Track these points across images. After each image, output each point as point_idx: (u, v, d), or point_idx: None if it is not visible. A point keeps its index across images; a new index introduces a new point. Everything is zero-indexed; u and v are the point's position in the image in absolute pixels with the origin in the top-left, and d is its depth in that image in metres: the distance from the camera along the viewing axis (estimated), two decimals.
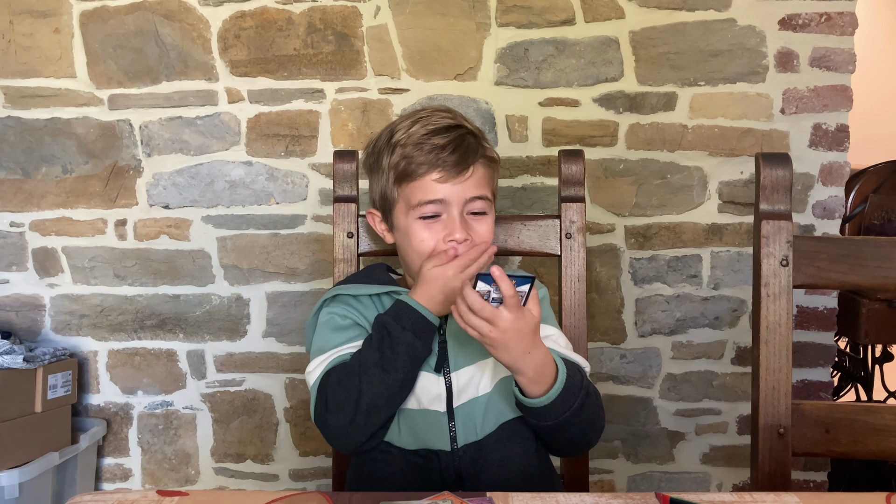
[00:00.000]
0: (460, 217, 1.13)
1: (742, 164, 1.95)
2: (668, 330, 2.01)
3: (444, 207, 1.13)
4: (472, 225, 1.14)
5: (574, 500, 0.80)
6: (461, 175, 1.13)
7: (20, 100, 1.99)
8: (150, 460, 2.09)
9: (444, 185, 1.12)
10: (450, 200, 1.13)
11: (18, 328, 2.05)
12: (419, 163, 1.13)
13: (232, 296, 2.03)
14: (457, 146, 1.13)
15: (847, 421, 1.12)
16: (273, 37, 1.94)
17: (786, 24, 1.91)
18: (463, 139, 1.15)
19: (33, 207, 2.02)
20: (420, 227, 1.14)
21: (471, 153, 1.15)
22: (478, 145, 1.17)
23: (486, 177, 1.17)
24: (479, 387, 1.14)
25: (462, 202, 1.13)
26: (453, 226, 1.13)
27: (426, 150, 1.13)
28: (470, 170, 1.14)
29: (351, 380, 1.06)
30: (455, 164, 1.12)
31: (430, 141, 1.13)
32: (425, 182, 1.13)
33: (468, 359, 1.15)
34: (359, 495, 0.83)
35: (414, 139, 1.14)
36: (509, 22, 1.92)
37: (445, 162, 1.12)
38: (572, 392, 1.02)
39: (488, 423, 1.13)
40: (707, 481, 2.05)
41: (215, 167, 1.99)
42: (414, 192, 1.14)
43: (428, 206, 1.13)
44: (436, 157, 1.12)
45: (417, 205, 1.13)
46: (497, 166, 1.21)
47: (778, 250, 1.12)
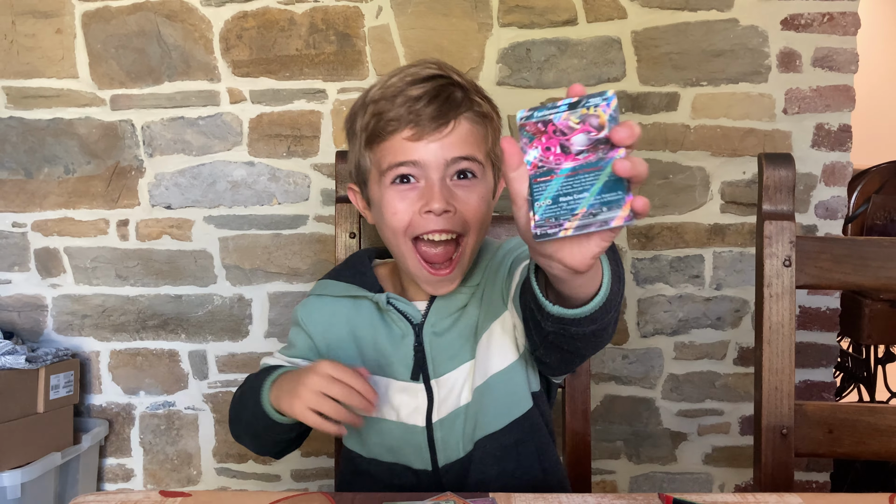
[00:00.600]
0: (441, 183, 0.93)
1: (744, 164, 1.95)
2: (670, 330, 2.00)
3: (421, 171, 0.94)
4: (457, 193, 0.94)
5: (577, 501, 0.80)
6: (439, 130, 0.93)
7: (22, 100, 1.99)
8: (152, 461, 2.09)
9: (417, 143, 0.93)
10: (426, 162, 0.93)
11: (21, 328, 2.06)
12: (389, 118, 0.94)
13: (234, 296, 2.03)
14: (434, 96, 0.94)
15: (850, 422, 1.11)
16: (275, 37, 1.94)
17: (788, 24, 1.91)
18: (444, 89, 0.95)
19: (35, 208, 2.02)
20: (393, 197, 0.95)
21: (452, 105, 0.95)
22: (464, 98, 0.97)
23: (474, 134, 0.97)
24: (461, 396, 1.00)
25: (442, 164, 0.94)
26: (430, 193, 0.93)
27: (398, 104, 0.94)
28: (450, 124, 0.94)
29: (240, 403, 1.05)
30: (431, 116, 0.93)
31: (404, 92, 0.94)
32: (396, 141, 0.94)
33: (450, 363, 1.01)
34: (361, 496, 0.83)
35: (387, 93, 0.95)
36: (511, 22, 1.92)
37: (420, 116, 0.93)
38: (619, 276, 0.78)
39: (470, 439, 1.00)
40: (709, 482, 2.05)
41: (217, 167, 1.99)
42: (384, 154, 0.95)
43: (399, 168, 0.94)
44: (408, 110, 0.93)
45: (387, 169, 0.95)
46: (495, 124, 1.02)
47: (781, 250, 1.12)
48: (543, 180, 0.65)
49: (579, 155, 0.64)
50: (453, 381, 1.00)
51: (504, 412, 1.00)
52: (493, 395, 0.99)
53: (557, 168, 0.65)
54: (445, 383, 1.00)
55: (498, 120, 1.02)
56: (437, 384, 1.00)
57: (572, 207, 0.64)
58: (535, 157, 0.65)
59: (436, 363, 1.01)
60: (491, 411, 0.99)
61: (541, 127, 0.65)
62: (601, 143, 0.64)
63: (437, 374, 1.01)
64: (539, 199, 0.65)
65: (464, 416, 0.99)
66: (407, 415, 1.01)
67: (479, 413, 0.99)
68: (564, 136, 0.64)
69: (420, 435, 1.00)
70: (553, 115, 0.65)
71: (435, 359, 1.01)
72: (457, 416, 1.00)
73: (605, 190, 0.63)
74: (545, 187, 0.65)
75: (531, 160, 0.65)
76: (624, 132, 0.62)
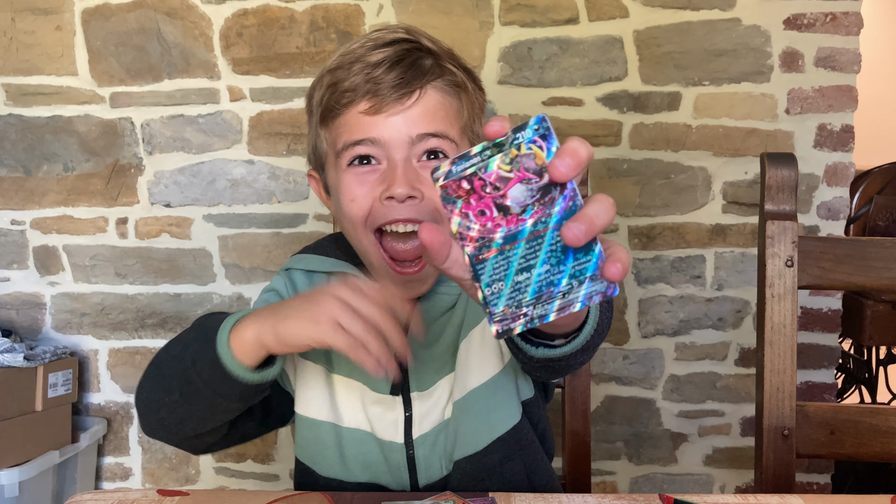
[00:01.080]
0: (405, 164, 0.79)
1: (746, 164, 1.94)
2: (671, 331, 2.00)
3: (382, 151, 0.80)
4: (425, 176, 0.80)
5: (577, 501, 0.79)
6: (401, 101, 0.79)
7: (22, 97, 1.98)
8: (151, 459, 2.09)
9: (375, 116, 0.79)
10: (387, 139, 0.79)
11: (19, 326, 2.05)
12: (344, 89, 0.80)
13: (233, 295, 2.02)
14: (397, 62, 0.80)
15: (852, 423, 1.10)
16: (275, 35, 1.93)
17: (791, 23, 1.90)
18: (409, 54, 0.81)
19: (34, 205, 2.01)
20: (350, 181, 0.81)
21: (419, 72, 0.80)
22: (434, 65, 0.82)
23: (445, 107, 0.82)
24: (445, 410, 0.88)
25: (406, 142, 0.79)
26: (392, 176, 0.78)
27: (354, 72, 0.80)
28: (415, 94, 0.80)
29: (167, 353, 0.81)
30: (392, 85, 0.78)
31: (363, 59, 0.80)
32: (352, 115, 0.80)
33: (433, 374, 0.88)
34: (360, 495, 0.82)
35: (347, 60, 0.81)
36: (513, 21, 1.91)
37: (378, 84, 0.78)
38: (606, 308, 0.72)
39: (450, 458, 0.88)
40: (710, 483, 2.04)
41: (217, 165, 1.98)
42: (339, 131, 0.82)
43: (355, 147, 0.80)
44: (364, 77, 0.79)
45: (343, 149, 0.81)
46: (472, 98, 0.86)
47: (783, 250, 1.11)
48: (487, 257, 0.51)
49: (524, 214, 0.50)
50: (438, 394, 0.88)
51: (485, 430, 0.87)
52: (472, 412, 0.86)
53: (501, 237, 0.51)
54: (428, 396, 0.87)
55: (479, 93, 0.88)
56: (419, 397, 0.87)
57: (531, 288, 0.50)
58: (469, 227, 0.51)
59: (419, 376, 0.87)
60: (471, 430, 0.87)
61: (465, 185, 0.50)
62: (548, 192, 0.49)
63: (420, 387, 0.87)
64: (488, 284, 0.51)
65: (444, 432, 0.87)
66: (382, 430, 0.87)
67: (458, 431, 0.87)
68: (498, 192, 0.50)
69: (398, 453, 0.87)
70: (476, 167, 0.50)
71: (418, 371, 0.87)
72: (439, 433, 0.88)
73: (569, 257, 0.50)
74: (492, 266, 0.51)
75: (464, 232, 0.51)
76: (563, 165, 0.48)
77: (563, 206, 0.49)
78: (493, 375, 0.87)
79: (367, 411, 0.88)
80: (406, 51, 0.81)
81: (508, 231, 0.50)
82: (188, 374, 0.74)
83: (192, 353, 0.74)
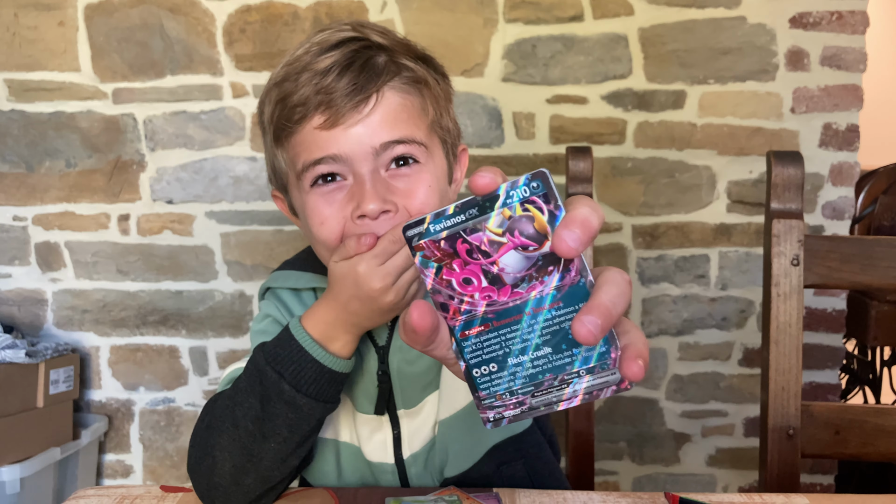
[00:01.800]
0: (372, 177, 0.72)
1: (751, 163, 1.93)
2: (674, 330, 1.99)
3: (344, 167, 0.73)
4: (396, 186, 0.73)
5: (582, 499, 0.78)
6: (357, 109, 0.71)
7: (24, 93, 1.98)
8: (152, 457, 2.08)
9: (332, 130, 0.72)
10: (348, 154, 0.72)
11: (20, 323, 2.05)
12: (293, 104, 0.73)
13: (235, 292, 2.02)
14: (347, 65, 0.72)
15: (857, 423, 1.10)
16: (279, 31, 1.92)
17: (796, 22, 1.89)
18: (358, 55, 0.73)
19: (36, 201, 2.01)
20: (316, 203, 0.74)
21: (372, 74, 0.73)
22: (388, 62, 0.75)
23: (407, 108, 0.75)
24: (434, 427, 0.84)
25: (370, 154, 0.72)
26: (361, 192, 0.71)
27: (302, 83, 0.72)
28: (371, 99, 0.72)
29: (208, 434, 0.75)
30: (345, 93, 0.71)
31: (310, 67, 0.73)
32: (307, 132, 0.73)
33: (422, 391, 0.84)
34: (364, 491, 0.81)
35: (293, 69, 0.74)
36: (517, 18, 1.90)
37: (330, 93, 0.71)
38: None
39: (440, 474, 0.85)
40: (713, 483, 2.04)
41: (219, 162, 1.98)
42: (296, 150, 0.75)
43: (316, 167, 0.73)
44: (315, 88, 0.72)
45: (303, 170, 0.74)
46: (435, 90, 0.80)
47: (789, 249, 1.10)
48: (474, 333, 0.44)
49: (519, 287, 0.42)
50: (426, 411, 0.84)
51: (477, 445, 0.84)
52: (460, 430, 0.83)
53: (489, 311, 0.43)
54: (416, 414, 0.84)
55: (443, 82, 0.82)
56: (406, 415, 0.84)
57: (530, 373, 0.43)
58: (452, 297, 0.43)
59: (405, 395, 0.83)
60: (462, 447, 0.84)
61: (447, 247, 0.42)
62: (549, 262, 0.42)
63: (407, 405, 0.83)
64: (476, 365, 0.44)
65: (433, 450, 0.84)
66: (371, 451, 0.84)
67: (447, 449, 0.84)
68: (488, 259, 0.42)
69: (390, 474, 0.85)
70: (460, 227, 0.42)
71: (404, 390, 0.83)
72: (429, 450, 0.84)
73: (575, 342, 0.42)
74: (481, 344, 0.44)
75: (446, 302, 0.44)
76: (571, 238, 0.40)
77: (567, 280, 0.42)
78: None
79: (357, 431, 0.86)
80: (355, 51, 0.73)
81: (501, 305, 0.43)
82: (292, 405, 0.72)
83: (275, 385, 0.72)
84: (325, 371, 0.72)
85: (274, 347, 0.74)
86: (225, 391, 0.78)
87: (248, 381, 0.74)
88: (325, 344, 0.73)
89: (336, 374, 0.73)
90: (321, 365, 0.72)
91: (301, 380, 0.71)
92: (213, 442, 0.74)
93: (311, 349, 0.72)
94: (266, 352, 0.74)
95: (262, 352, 0.74)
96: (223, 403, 0.76)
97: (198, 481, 0.76)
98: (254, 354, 0.75)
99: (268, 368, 0.72)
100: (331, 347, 0.73)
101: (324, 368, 0.72)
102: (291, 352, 0.72)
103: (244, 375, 0.75)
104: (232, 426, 0.73)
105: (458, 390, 0.83)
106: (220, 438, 0.74)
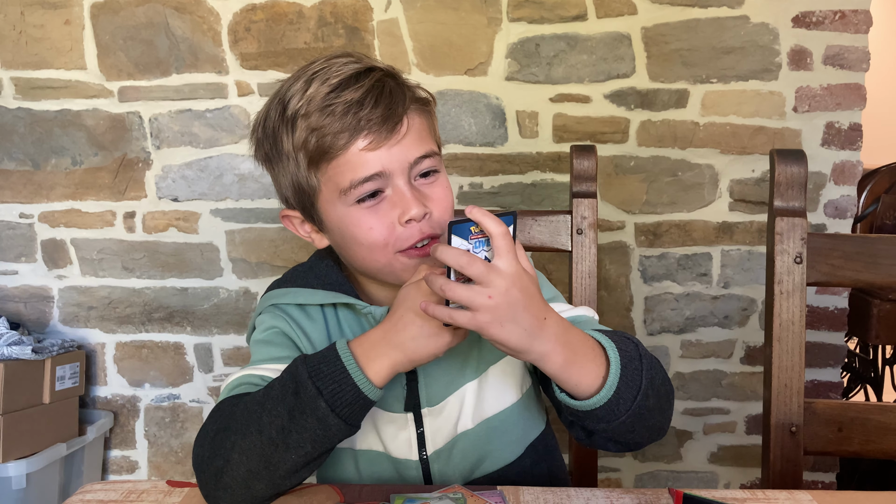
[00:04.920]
0: (409, 187, 0.84)
1: (754, 162, 1.94)
2: (677, 328, 2.00)
3: (386, 181, 0.84)
4: (427, 192, 0.86)
5: (585, 495, 0.79)
6: (395, 133, 0.84)
7: (30, 91, 1.99)
8: (157, 453, 2.09)
9: (375, 151, 0.83)
10: (390, 170, 0.84)
11: (27, 319, 2.06)
12: (335, 131, 0.83)
13: (240, 289, 2.03)
14: (378, 96, 0.84)
15: (860, 420, 1.10)
16: (283, 30, 1.93)
17: (799, 21, 1.90)
18: (382, 84, 0.85)
19: (42, 199, 2.02)
20: (363, 215, 0.85)
21: (398, 101, 0.85)
22: (403, 88, 0.87)
23: (425, 126, 0.89)
24: (458, 423, 0.90)
25: (406, 168, 0.85)
26: (405, 202, 0.84)
27: (339, 113, 0.82)
28: (404, 123, 0.85)
29: (225, 435, 0.77)
30: (383, 120, 0.83)
31: (339, 99, 0.83)
32: (351, 155, 0.83)
33: (444, 389, 0.90)
34: (369, 487, 0.82)
35: (317, 103, 0.83)
36: (521, 17, 1.91)
37: (370, 121, 0.82)
38: (633, 366, 0.76)
39: (476, 468, 0.90)
40: (714, 481, 2.04)
41: (224, 160, 1.98)
42: (341, 171, 0.84)
43: (365, 185, 0.83)
44: (354, 117, 0.82)
45: (350, 187, 0.84)
46: (432, 108, 0.93)
47: (792, 247, 1.11)
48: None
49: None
50: (450, 407, 0.90)
51: (521, 440, 0.93)
52: (506, 427, 0.91)
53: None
54: (439, 412, 0.90)
55: (434, 101, 0.94)
56: (430, 413, 0.89)
57: None
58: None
59: (429, 392, 0.90)
60: (505, 443, 0.91)
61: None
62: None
63: (431, 403, 0.89)
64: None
65: (463, 444, 0.90)
66: (397, 448, 0.89)
67: (489, 448, 0.91)
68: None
69: (414, 470, 0.90)
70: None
71: (429, 387, 0.89)
72: (454, 445, 0.90)
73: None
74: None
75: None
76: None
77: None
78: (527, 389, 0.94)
79: (379, 432, 0.89)
80: (378, 81, 0.85)
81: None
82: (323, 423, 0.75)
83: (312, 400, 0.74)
84: (361, 397, 0.75)
85: (318, 363, 0.76)
86: (254, 395, 0.79)
87: (281, 389, 0.76)
88: (363, 364, 0.76)
89: (368, 402, 0.76)
90: (359, 390, 0.75)
91: (338, 400, 0.74)
92: (230, 444, 0.76)
93: (354, 373, 0.75)
94: (309, 365, 0.76)
95: (304, 364, 0.76)
96: (249, 407, 0.77)
97: (205, 480, 0.78)
98: (295, 365, 0.77)
99: (308, 382, 0.74)
100: (369, 369, 0.76)
101: (360, 394, 0.75)
102: (335, 371, 0.75)
103: (278, 383, 0.77)
104: (256, 431, 0.75)
105: (507, 387, 0.91)
106: (241, 441, 0.75)
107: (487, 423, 0.90)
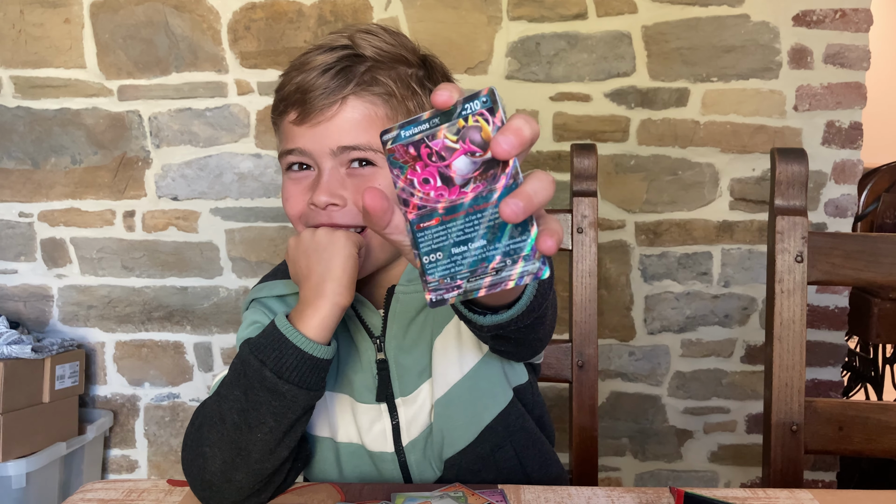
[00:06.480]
0: (330, 173, 0.80)
1: (754, 160, 1.94)
2: (677, 327, 2.00)
3: (311, 159, 0.82)
4: (352, 183, 0.81)
5: (587, 494, 0.79)
6: (323, 112, 0.79)
7: (30, 90, 1.98)
8: (157, 452, 2.09)
9: (300, 127, 0.81)
10: (311, 150, 0.81)
11: (26, 318, 2.05)
12: (281, 97, 0.83)
13: (240, 288, 2.02)
14: (326, 70, 0.80)
15: (861, 419, 1.10)
16: (283, 29, 1.93)
17: (800, 20, 1.89)
18: (340, 62, 0.80)
19: (42, 198, 2.02)
20: (289, 183, 0.85)
21: (344, 81, 0.79)
22: (366, 73, 0.81)
23: (370, 118, 0.80)
24: (430, 413, 0.87)
25: (328, 153, 0.80)
26: (317, 184, 0.81)
27: (291, 79, 0.82)
28: (335, 105, 0.79)
29: (198, 433, 0.77)
30: (318, 96, 0.79)
31: (303, 66, 0.82)
32: (285, 124, 0.83)
33: (417, 378, 0.87)
34: (370, 486, 0.82)
35: (293, 66, 0.84)
36: (521, 16, 1.91)
37: (306, 93, 0.79)
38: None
39: (440, 458, 0.88)
40: (715, 480, 2.04)
41: (224, 159, 1.98)
42: (280, 137, 0.86)
43: (288, 157, 0.83)
44: (297, 87, 0.80)
45: (280, 155, 0.85)
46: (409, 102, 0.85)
47: (793, 246, 1.11)
48: (428, 226, 0.52)
49: (465, 186, 0.50)
50: (422, 397, 0.87)
51: (473, 421, 0.87)
52: (457, 406, 0.86)
53: (442, 207, 0.51)
54: (413, 401, 0.87)
55: (419, 95, 0.86)
56: (403, 402, 0.87)
57: (468, 261, 0.51)
58: (412, 194, 0.51)
59: (402, 381, 0.87)
60: (458, 424, 0.87)
61: (413, 151, 0.51)
62: (491, 166, 0.50)
63: (404, 392, 0.87)
64: (426, 253, 0.52)
65: (432, 435, 0.87)
66: (372, 440, 0.87)
67: (444, 429, 0.86)
68: (443, 162, 0.50)
69: (390, 462, 0.88)
70: (424, 134, 0.50)
71: (401, 377, 0.87)
72: (427, 436, 0.87)
73: (506, 235, 0.50)
74: (431, 235, 0.52)
75: (407, 198, 0.52)
76: (505, 142, 0.48)
77: (504, 182, 0.49)
78: (474, 365, 0.87)
79: (357, 422, 0.88)
80: (339, 58, 0.80)
81: (450, 202, 0.51)
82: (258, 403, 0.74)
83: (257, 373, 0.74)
84: (307, 357, 0.73)
85: (258, 339, 0.76)
86: (216, 388, 0.80)
87: (232, 374, 0.76)
88: (299, 325, 0.74)
89: (318, 361, 0.74)
90: (301, 351, 0.73)
91: (283, 367, 0.73)
92: (202, 440, 0.76)
93: (291, 336, 0.74)
94: (251, 344, 0.76)
95: (247, 344, 0.76)
96: (211, 401, 0.78)
97: (192, 482, 0.78)
98: (241, 348, 0.78)
99: (251, 357, 0.74)
100: (304, 326, 0.74)
101: (304, 355, 0.73)
102: (273, 340, 0.74)
103: (230, 370, 0.78)
104: (219, 421, 0.75)
105: (450, 367, 0.87)
106: (209, 435, 0.76)
107: (438, 403, 0.86)
